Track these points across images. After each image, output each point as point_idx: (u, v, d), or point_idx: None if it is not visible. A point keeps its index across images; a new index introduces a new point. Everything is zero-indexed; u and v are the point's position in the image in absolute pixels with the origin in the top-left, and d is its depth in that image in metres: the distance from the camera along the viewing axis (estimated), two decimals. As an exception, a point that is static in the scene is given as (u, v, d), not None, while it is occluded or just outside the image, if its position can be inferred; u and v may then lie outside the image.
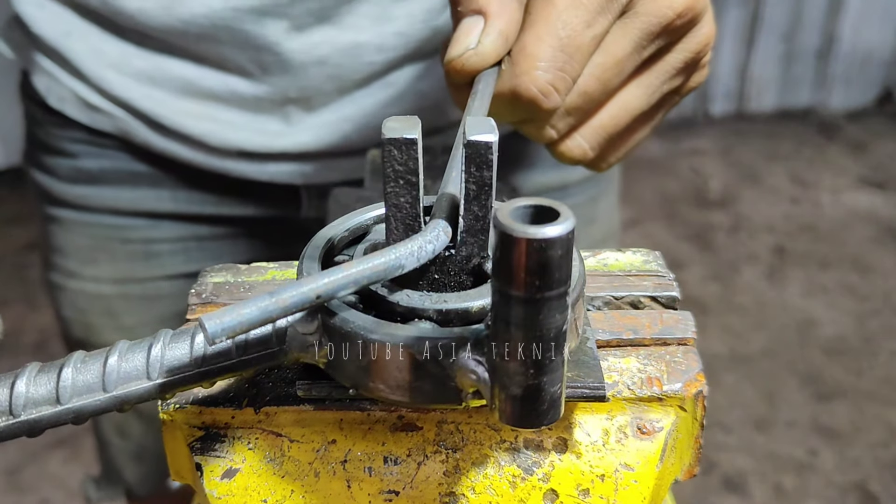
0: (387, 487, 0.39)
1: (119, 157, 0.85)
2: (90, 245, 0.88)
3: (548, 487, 0.39)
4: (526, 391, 0.30)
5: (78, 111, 0.82)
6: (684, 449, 0.42)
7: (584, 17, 0.47)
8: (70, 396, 0.33)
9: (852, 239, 2.90)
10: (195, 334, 0.35)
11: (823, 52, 3.64)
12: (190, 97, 0.79)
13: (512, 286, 0.28)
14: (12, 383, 0.33)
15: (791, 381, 2.31)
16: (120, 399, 0.34)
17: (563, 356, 0.30)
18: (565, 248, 0.27)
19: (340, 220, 0.41)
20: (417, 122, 0.35)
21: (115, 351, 0.34)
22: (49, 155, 0.87)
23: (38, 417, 0.33)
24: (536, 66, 0.47)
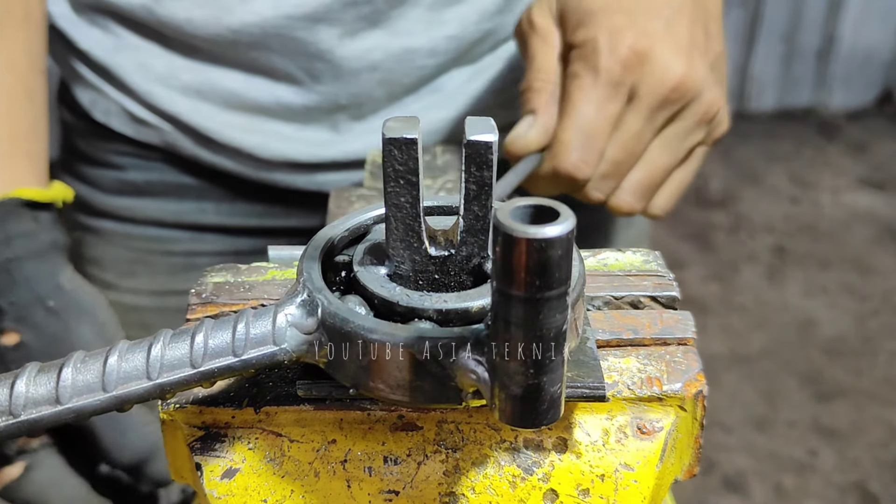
0: (387, 487, 0.39)
1: (165, 170, 0.85)
2: (130, 257, 0.88)
3: (548, 487, 0.39)
4: (526, 391, 0.30)
5: (124, 125, 0.82)
6: (684, 449, 0.42)
7: (595, 107, 0.62)
8: (70, 396, 0.33)
9: (852, 239, 2.90)
10: (195, 334, 0.35)
11: (823, 52, 3.63)
12: (238, 110, 0.79)
13: (512, 286, 0.28)
14: (12, 383, 0.33)
15: (791, 381, 2.31)
16: (120, 399, 0.34)
17: (563, 356, 0.30)
18: (565, 247, 0.27)
19: (340, 220, 0.41)
20: (417, 121, 0.35)
21: (115, 351, 0.34)
22: (91, 166, 0.87)
23: (38, 417, 0.33)
24: (568, 150, 0.62)
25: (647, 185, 0.66)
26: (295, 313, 0.36)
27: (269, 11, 0.72)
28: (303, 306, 0.36)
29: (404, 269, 0.37)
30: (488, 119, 0.36)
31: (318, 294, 0.36)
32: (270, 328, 0.35)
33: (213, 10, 0.73)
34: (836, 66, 3.66)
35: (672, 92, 0.62)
